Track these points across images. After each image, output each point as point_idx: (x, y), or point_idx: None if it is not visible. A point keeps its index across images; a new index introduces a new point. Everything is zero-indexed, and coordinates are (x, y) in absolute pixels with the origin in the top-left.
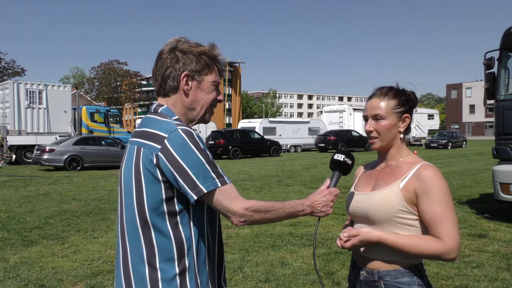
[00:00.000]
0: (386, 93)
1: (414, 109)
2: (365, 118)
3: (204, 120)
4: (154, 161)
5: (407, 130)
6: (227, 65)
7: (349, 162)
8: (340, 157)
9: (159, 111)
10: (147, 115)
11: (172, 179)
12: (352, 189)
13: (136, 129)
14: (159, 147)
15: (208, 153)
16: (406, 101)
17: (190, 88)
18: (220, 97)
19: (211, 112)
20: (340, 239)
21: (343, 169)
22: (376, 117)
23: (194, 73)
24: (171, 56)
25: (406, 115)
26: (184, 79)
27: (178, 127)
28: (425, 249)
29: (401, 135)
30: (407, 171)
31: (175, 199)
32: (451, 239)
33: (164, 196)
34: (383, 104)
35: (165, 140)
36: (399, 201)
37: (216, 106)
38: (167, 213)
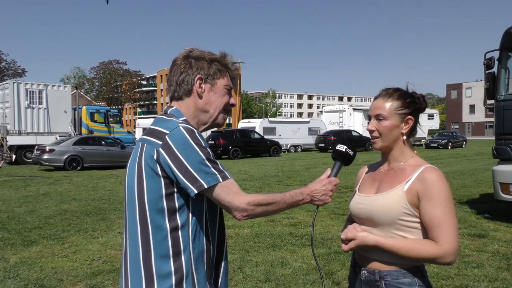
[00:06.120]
0: (391, 94)
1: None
2: (369, 118)
3: (217, 123)
4: (155, 157)
5: (412, 132)
6: None
7: (351, 153)
8: (342, 147)
9: (168, 112)
10: (158, 116)
11: (171, 175)
12: (355, 191)
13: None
14: (160, 143)
15: (209, 151)
16: (411, 103)
17: (203, 91)
18: (233, 101)
19: (224, 116)
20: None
21: (344, 160)
22: (379, 117)
23: (207, 77)
24: (184, 63)
25: (409, 117)
26: (198, 82)
27: (180, 124)
28: (421, 253)
29: (404, 137)
30: (411, 173)
31: (175, 195)
32: (448, 243)
33: (164, 192)
34: (387, 105)
35: (166, 136)
36: (404, 204)
37: (230, 111)
38: (166, 209)
